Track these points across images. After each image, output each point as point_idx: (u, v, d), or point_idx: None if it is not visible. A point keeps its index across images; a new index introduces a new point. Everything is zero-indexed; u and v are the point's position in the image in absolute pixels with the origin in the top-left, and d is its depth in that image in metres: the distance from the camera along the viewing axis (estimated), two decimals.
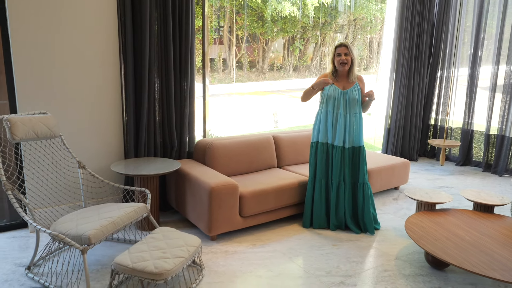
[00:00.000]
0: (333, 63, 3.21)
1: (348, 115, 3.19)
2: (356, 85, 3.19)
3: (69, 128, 3.18)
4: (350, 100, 3.17)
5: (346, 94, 3.17)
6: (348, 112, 3.18)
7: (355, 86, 3.19)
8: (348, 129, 3.19)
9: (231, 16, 11.04)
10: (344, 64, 3.13)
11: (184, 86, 3.60)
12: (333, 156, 3.24)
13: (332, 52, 3.20)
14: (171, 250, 2.30)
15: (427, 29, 5.52)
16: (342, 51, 3.12)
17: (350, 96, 3.17)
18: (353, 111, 3.19)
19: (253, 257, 2.83)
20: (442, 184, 4.71)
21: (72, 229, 2.32)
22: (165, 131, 3.59)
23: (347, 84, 3.21)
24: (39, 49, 2.97)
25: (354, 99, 3.17)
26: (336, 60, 3.16)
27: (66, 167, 3.13)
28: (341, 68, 3.15)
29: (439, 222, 2.81)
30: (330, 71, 3.24)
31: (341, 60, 3.13)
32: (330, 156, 3.25)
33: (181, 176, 3.29)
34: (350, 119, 3.19)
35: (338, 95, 3.18)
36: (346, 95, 3.17)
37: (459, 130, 5.65)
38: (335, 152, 3.21)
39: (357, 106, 3.19)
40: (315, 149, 3.31)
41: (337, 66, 3.17)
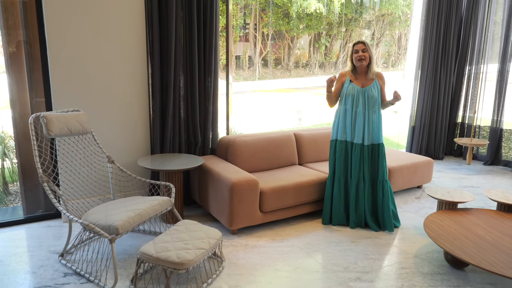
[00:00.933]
0: (351, 61, 3.25)
1: (367, 113, 3.20)
2: (376, 82, 3.21)
3: (100, 125, 3.36)
4: (369, 98, 3.19)
5: (365, 92, 3.19)
6: (367, 110, 3.20)
7: (374, 83, 3.20)
8: (367, 127, 3.21)
9: (257, 14, 11.10)
10: (362, 60, 3.15)
11: (208, 84, 3.71)
12: (352, 153, 3.26)
13: (350, 50, 3.24)
14: (193, 242, 2.42)
15: (455, 24, 5.39)
16: (360, 48, 3.16)
17: (369, 93, 3.18)
18: (372, 108, 3.20)
19: (272, 251, 2.91)
20: (467, 184, 4.62)
21: (101, 220, 2.48)
22: (189, 128, 3.72)
23: (366, 82, 3.23)
24: (73, 51, 3.16)
25: (373, 96, 3.18)
26: (354, 57, 3.19)
27: (96, 162, 3.32)
28: (359, 64, 3.18)
29: (459, 221, 2.80)
30: (350, 69, 3.27)
31: (358, 57, 3.15)
32: (349, 154, 3.28)
33: (204, 172, 3.41)
34: (369, 116, 3.20)
35: (357, 93, 3.21)
36: (365, 92, 3.19)
37: (488, 128, 5.50)
38: (354, 150, 3.24)
39: (376, 104, 3.20)
40: (334, 147, 3.34)
41: (355, 62, 3.20)
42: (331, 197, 3.37)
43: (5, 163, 4.34)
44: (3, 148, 4.34)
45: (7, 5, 3.18)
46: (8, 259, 2.71)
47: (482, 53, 5.45)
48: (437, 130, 5.60)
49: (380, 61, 13.06)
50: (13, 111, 3.29)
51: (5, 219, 3.29)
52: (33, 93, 3.29)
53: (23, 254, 2.78)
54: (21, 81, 3.28)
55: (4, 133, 4.46)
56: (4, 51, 3.22)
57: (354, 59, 3.20)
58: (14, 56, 3.25)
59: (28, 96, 3.30)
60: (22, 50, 3.24)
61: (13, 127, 3.34)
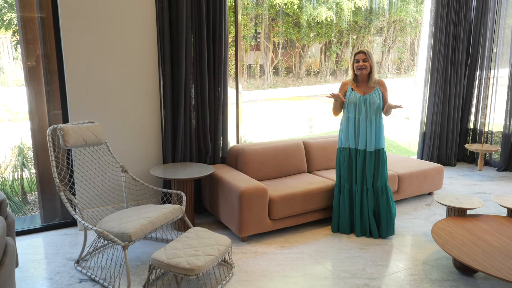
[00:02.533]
0: (352, 70, 3.32)
1: (369, 119, 3.26)
2: (377, 89, 3.27)
3: (114, 136, 3.48)
4: (371, 104, 3.25)
5: (367, 99, 3.25)
6: (369, 116, 3.26)
7: (376, 90, 3.26)
8: (370, 133, 3.26)
9: (267, 23, 11.23)
10: (362, 69, 3.23)
11: (218, 93, 3.81)
12: (357, 160, 3.31)
13: (352, 59, 3.32)
14: (203, 249, 2.48)
15: (464, 30, 5.39)
16: (360, 58, 3.23)
17: (371, 100, 3.24)
18: (375, 114, 3.26)
19: (281, 258, 2.95)
20: (479, 190, 4.58)
21: (115, 227, 2.57)
22: (200, 138, 3.81)
23: (367, 89, 3.29)
24: (88, 64, 3.30)
25: (374, 102, 3.24)
26: (355, 66, 3.27)
27: (110, 171, 3.44)
28: (359, 72, 3.25)
29: (468, 228, 2.80)
30: (351, 78, 3.35)
31: (359, 66, 3.23)
32: (353, 161, 3.33)
33: (214, 180, 3.49)
34: (372, 123, 3.26)
35: (358, 101, 3.27)
36: (366, 99, 3.25)
37: (500, 134, 5.45)
38: (359, 157, 3.30)
39: (378, 110, 3.26)
40: (339, 155, 3.40)
41: (356, 71, 3.28)
42: (338, 204, 3.40)
43: (23, 174, 4.51)
44: (22, 159, 4.51)
45: (26, 21, 3.34)
46: (26, 266, 2.82)
47: (493, 58, 5.42)
48: (448, 136, 5.57)
49: (392, 67, 13.01)
50: (31, 123, 3.44)
51: (24, 227, 3.42)
52: (51, 105, 3.44)
53: (41, 261, 2.89)
54: (39, 93, 3.43)
55: (23, 144, 4.63)
56: (24, 65, 3.38)
57: (355, 68, 3.27)
58: (33, 70, 3.41)
59: (46, 108, 3.45)
60: (41, 64, 3.40)
61: (31, 138, 3.49)
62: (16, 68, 5.84)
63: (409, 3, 11.15)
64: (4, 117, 5.98)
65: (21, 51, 3.41)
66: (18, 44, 5.27)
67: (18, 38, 3.50)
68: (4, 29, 5.23)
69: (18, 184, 4.46)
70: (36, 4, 3.31)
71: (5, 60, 5.58)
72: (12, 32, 5.27)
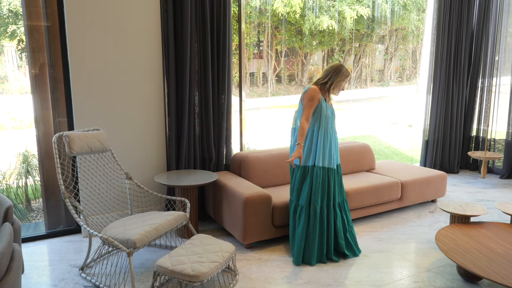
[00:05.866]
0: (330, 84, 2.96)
1: (335, 133, 3.09)
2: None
3: (118, 143, 3.51)
4: (334, 117, 3.05)
5: (333, 111, 3.06)
6: (335, 130, 3.09)
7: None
8: (336, 147, 3.07)
9: (270, 32, 11.32)
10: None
11: (222, 101, 3.84)
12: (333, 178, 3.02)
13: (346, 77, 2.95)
14: (207, 255, 2.49)
15: (466, 38, 5.42)
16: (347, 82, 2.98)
17: (334, 112, 3.06)
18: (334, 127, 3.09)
19: (285, 265, 2.95)
20: (482, 198, 4.57)
21: (120, 234, 2.58)
22: (204, 145, 3.84)
23: (328, 100, 3.05)
24: (94, 73, 3.34)
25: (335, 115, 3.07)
26: (341, 87, 3.00)
27: (115, 178, 3.46)
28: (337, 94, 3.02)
29: (472, 235, 2.79)
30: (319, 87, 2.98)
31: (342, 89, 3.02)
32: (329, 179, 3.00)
33: (218, 187, 3.50)
34: (336, 136, 3.10)
35: (331, 114, 3.02)
36: (333, 112, 3.06)
37: (503, 141, 5.45)
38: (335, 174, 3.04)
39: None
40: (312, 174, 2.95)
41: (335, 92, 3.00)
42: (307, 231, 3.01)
43: (28, 181, 4.54)
44: (27, 166, 4.55)
45: (33, 30, 3.40)
46: (31, 273, 2.83)
47: (495, 66, 5.44)
48: (451, 144, 5.57)
49: (394, 75, 13.06)
50: (37, 130, 3.48)
51: (28, 234, 3.44)
52: (56, 113, 3.48)
53: (45, 268, 2.90)
54: (45, 101, 3.48)
55: (28, 151, 4.67)
56: (30, 73, 3.43)
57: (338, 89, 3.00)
58: (39, 78, 3.45)
59: (51, 116, 3.49)
60: (46, 72, 3.44)
61: (37, 145, 3.52)
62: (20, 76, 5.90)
63: (411, 11, 11.22)
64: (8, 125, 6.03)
65: (27, 60, 3.46)
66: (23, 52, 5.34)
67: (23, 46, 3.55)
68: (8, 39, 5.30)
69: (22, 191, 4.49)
70: (42, 13, 3.37)
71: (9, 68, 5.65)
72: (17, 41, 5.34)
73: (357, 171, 4.32)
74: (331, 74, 2.96)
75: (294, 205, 3.05)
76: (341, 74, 2.95)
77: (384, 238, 3.44)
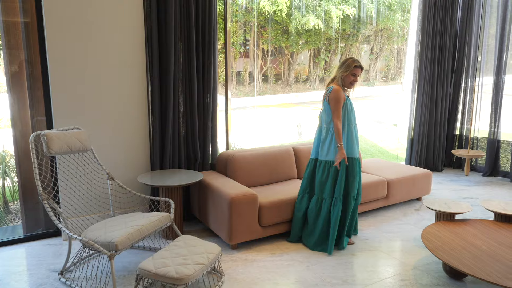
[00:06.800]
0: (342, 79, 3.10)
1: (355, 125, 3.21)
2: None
3: (100, 142, 3.42)
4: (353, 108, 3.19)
5: (351, 103, 3.18)
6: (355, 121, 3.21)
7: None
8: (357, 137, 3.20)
9: (256, 31, 11.27)
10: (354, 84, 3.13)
11: (207, 100, 3.78)
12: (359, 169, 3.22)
13: (348, 68, 3.06)
14: (191, 257, 2.43)
15: (450, 38, 5.48)
16: (358, 73, 3.08)
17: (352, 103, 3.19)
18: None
19: (271, 265, 2.91)
20: (466, 195, 4.62)
21: (101, 236, 2.50)
22: (189, 144, 3.77)
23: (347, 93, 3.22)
24: (74, 70, 3.23)
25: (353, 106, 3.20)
26: (351, 79, 3.09)
27: (96, 179, 3.36)
28: (350, 87, 3.14)
29: (457, 232, 2.80)
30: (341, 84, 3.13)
31: (354, 81, 3.10)
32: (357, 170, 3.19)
33: (204, 187, 3.44)
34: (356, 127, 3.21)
35: (351, 106, 3.18)
36: (351, 103, 3.18)
37: (485, 140, 5.53)
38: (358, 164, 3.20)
39: None
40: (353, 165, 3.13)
41: (347, 84, 3.11)
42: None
43: (5, 182, 4.38)
44: (4, 167, 4.39)
45: (9, 26, 3.27)
46: (7, 278, 2.72)
47: (478, 66, 5.52)
48: (435, 142, 5.63)
49: (379, 75, 13.18)
50: (14, 130, 3.35)
51: (5, 238, 3.31)
52: (34, 111, 3.36)
53: (23, 273, 2.79)
54: (22, 100, 3.35)
55: (5, 152, 4.51)
56: (6, 71, 3.30)
57: (349, 80, 3.10)
58: (16, 76, 3.33)
59: (29, 115, 3.36)
60: (24, 70, 3.32)
61: (14, 145, 3.39)
62: None
63: (396, 12, 11.32)
64: None
65: (3, 57, 3.33)
66: None
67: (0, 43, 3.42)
68: None
69: None
70: (19, 9, 3.24)
71: None
72: None
73: None
74: (337, 69, 3.13)
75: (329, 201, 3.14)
76: (344, 67, 3.07)
77: (370, 236, 3.44)
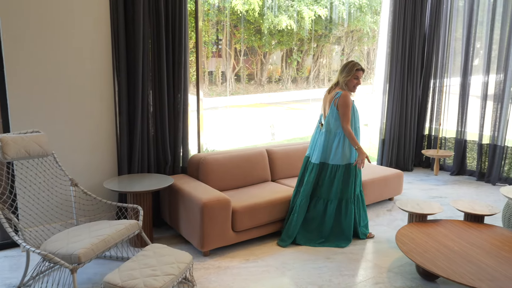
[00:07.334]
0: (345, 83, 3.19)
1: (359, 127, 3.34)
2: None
3: (62, 146, 3.22)
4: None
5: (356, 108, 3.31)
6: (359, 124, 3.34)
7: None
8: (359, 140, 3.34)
9: (229, 30, 11.18)
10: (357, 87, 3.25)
11: (178, 100, 3.64)
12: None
13: (351, 72, 3.16)
14: (161, 268, 2.31)
15: (419, 40, 5.59)
16: (360, 76, 3.18)
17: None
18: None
19: (245, 272, 2.83)
20: (436, 194, 4.72)
21: (62, 248, 2.33)
22: (158, 147, 3.62)
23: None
24: (33, 68, 3.02)
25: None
26: (354, 83, 3.19)
27: (58, 185, 3.16)
28: (353, 90, 3.24)
29: (430, 233, 2.82)
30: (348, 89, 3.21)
31: (357, 84, 3.20)
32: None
33: (174, 192, 3.31)
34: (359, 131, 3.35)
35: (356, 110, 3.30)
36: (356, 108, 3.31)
37: (453, 139, 5.68)
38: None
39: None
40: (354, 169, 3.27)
41: (350, 88, 3.20)
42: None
43: None
44: None
45: None
46: None
47: (445, 67, 5.66)
48: (406, 143, 5.72)
49: None
50: None
51: None
52: None
53: None
54: None
55: None
56: None
57: (354, 84, 3.19)
58: None
59: None
60: None
61: None
62: None
63: (366, 14, 11.50)
64: None
65: None
66: None
67: None
68: None
69: None
70: None
71: None
72: None
73: None
74: (339, 74, 3.23)
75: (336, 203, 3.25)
76: (346, 71, 3.18)
77: None
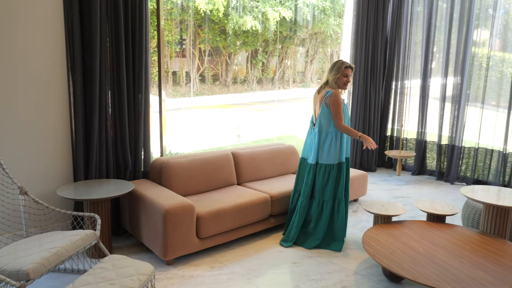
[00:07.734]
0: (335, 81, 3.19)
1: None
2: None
3: (10, 151, 2.96)
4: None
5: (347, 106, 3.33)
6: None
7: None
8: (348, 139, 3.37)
9: (193, 30, 10.98)
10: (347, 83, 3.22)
11: (139, 100, 3.47)
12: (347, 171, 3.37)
13: (339, 70, 3.16)
14: (120, 281, 2.16)
15: (381, 43, 5.71)
16: (349, 73, 3.18)
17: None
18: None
19: (210, 280, 2.73)
20: (399, 194, 4.82)
21: (9, 264, 2.12)
22: (118, 150, 3.43)
23: None
24: None
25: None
26: (344, 80, 3.18)
27: (5, 194, 2.90)
28: (344, 87, 3.23)
29: (395, 235, 2.85)
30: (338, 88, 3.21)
31: (347, 81, 3.19)
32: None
33: (135, 198, 3.15)
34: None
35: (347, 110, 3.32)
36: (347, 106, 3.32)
37: (414, 140, 5.85)
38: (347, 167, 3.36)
39: None
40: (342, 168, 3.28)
41: (341, 85, 3.20)
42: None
43: None
44: None
45: None
46: None
47: (406, 70, 5.82)
48: None
49: (314, 77, 13.55)
50: None
51: None
52: None
53: None
54: None
55: None
56: None
57: (343, 82, 3.18)
58: None
59: None
60: None
61: None
62: None
63: (329, 16, 11.69)
64: None
65: None
66: None
67: None
68: None
69: None
70: None
71: None
72: None
73: (284, 174, 4.25)
74: (328, 73, 3.23)
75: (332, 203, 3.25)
76: (335, 69, 3.17)
77: None
